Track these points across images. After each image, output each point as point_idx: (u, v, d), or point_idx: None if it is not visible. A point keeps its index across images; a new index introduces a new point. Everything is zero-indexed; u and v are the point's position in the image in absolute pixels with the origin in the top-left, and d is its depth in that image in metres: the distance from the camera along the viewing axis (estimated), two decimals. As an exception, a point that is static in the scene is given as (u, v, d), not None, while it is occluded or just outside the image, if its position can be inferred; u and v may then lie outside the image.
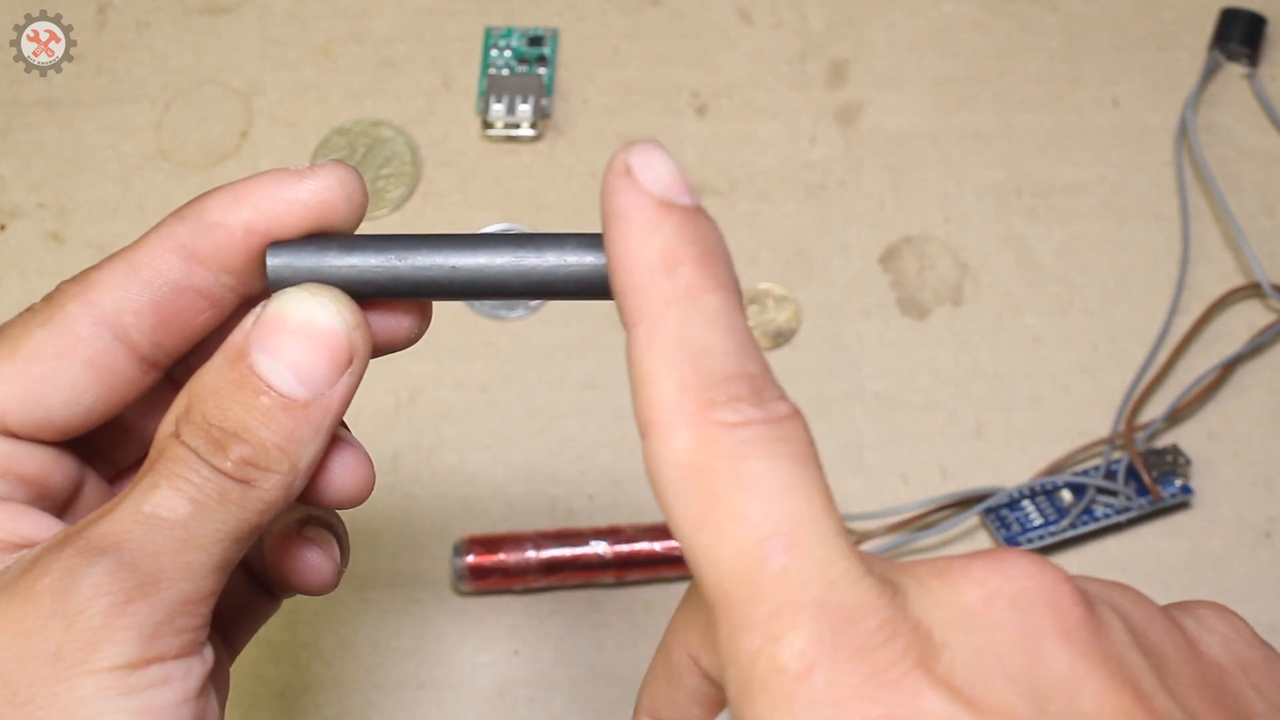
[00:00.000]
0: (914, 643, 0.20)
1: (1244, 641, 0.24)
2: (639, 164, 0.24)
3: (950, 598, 0.21)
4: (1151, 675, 0.21)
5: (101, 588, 0.25)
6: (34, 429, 0.28)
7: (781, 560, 0.21)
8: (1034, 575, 0.21)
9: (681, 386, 0.22)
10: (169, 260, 0.28)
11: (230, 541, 0.26)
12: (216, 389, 0.27)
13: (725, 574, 0.21)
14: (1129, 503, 0.50)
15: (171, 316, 0.28)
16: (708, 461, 0.21)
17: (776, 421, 0.22)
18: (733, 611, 0.21)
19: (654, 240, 0.23)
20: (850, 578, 0.21)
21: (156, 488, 0.26)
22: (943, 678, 0.20)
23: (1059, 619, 0.21)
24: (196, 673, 0.26)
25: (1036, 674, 0.20)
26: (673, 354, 0.22)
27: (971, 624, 0.21)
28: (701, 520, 0.21)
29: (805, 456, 0.22)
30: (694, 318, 0.23)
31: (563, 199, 0.57)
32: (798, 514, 0.21)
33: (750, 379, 0.22)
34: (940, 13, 0.60)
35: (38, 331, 0.28)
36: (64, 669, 0.25)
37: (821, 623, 0.20)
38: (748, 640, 0.21)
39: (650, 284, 0.23)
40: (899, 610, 0.21)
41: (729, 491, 0.21)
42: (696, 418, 0.22)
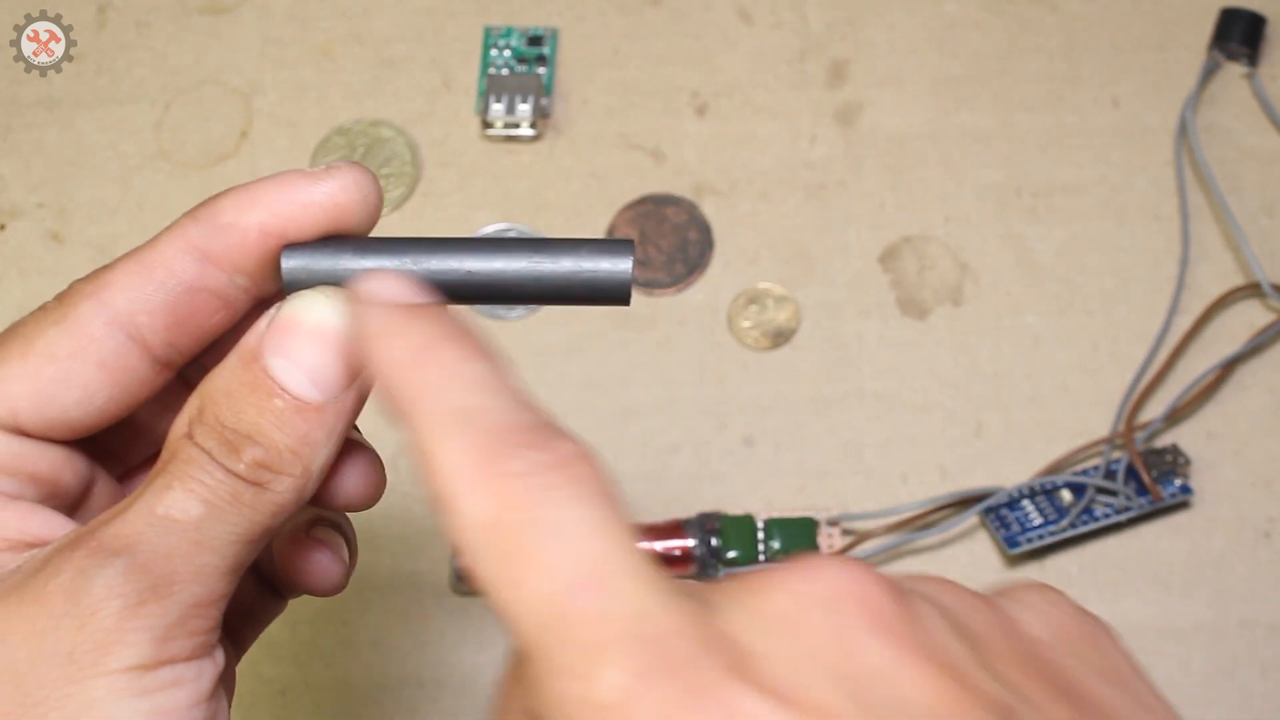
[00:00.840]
0: (726, 654, 0.20)
1: (1065, 615, 0.24)
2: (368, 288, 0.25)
3: (762, 608, 0.21)
4: (970, 657, 0.21)
5: (114, 589, 0.25)
6: (46, 428, 0.28)
7: (587, 601, 0.21)
8: (842, 576, 0.21)
9: (462, 451, 0.22)
10: (183, 261, 0.28)
11: (242, 544, 0.27)
12: (230, 391, 0.27)
13: (536, 625, 0.21)
14: (1129, 502, 0.50)
15: (185, 317, 0.28)
16: (503, 517, 0.21)
17: (565, 464, 0.22)
18: (545, 660, 0.21)
19: (405, 336, 0.24)
20: (658, 605, 0.21)
21: (169, 489, 0.26)
22: (759, 682, 0.20)
23: (871, 614, 0.21)
24: (208, 675, 0.26)
25: (853, 669, 0.20)
26: (446, 424, 0.22)
27: (784, 629, 0.21)
28: (506, 578, 0.21)
29: (600, 494, 0.22)
30: (461, 387, 0.23)
31: (562, 199, 0.57)
32: (600, 554, 0.21)
33: (530, 427, 0.22)
34: (940, 13, 0.60)
35: (50, 331, 0.28)
36: (76, 670, 0.25)
37: (633, 652, 0.20)
38: (563, 684, 0.20)
39: (410, 378, 0.23)
40: (709, 627, 0.21)
41: (529, 543, 0.21)
42: (485, 477, 0.22)
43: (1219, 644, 0.49)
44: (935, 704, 0.20)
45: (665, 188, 0.57)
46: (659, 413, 0.53)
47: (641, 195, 0.57)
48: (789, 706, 0.20)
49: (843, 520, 0.51)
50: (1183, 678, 0.49)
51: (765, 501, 0.52)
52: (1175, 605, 0.50)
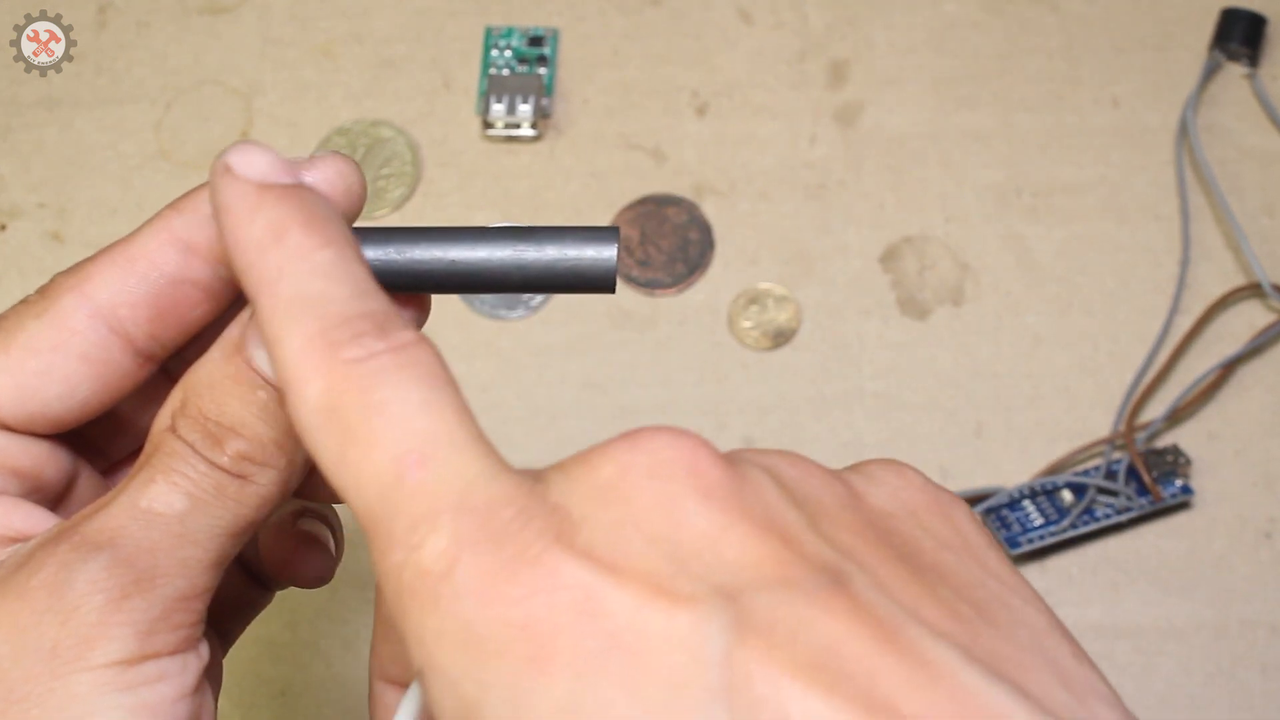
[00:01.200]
0: (551, 524, 0.20)
1: (913, 488, 0.24)
2: (236, 160, 0.25)
3: (589, 478, 0.21)
4: (802, 521, 0.21)
5: (97, 584, 0.25)
6: (28, 422, 0.28)
7: (416, 475, 0.21)
8: (670, 445, 0.21)
9: (305, 337, 0.22)
10: (165, 253, 0.28)
11: (226, 537, 0.26)
12: (213, 383, 0.27)
13: (368, 500, 0.21)
14: (1129, 503, 0.50)
15: (168, 309, 0.28)
16: (339, 399, 0.22)
17: (401, 349, 0.22)
18: (379, 533, 0.21)
19: (258, 218, 0.24)
20: (486, 476, 0.21)
21: (152, 483, 0.26)
22: (581, 549, 0.20)
23: (697, 480, 0.21)
24: (192, 669, 0.26)
25: (677, 535, 0.20)
26: (293, 310, 0.23)
27: (609, 498, 0.21)
28: (341, 456, 0.22)
29: (434, 375, 0.22)
30: (306, 275, 0.23)
31: (563, 199, 0.57)
32: (429, 430, 0.21)
33: (371, 315, 0.23)
34: (940, 13, 0.60)
35: (32, 324, 0.28)
36: (59, 665, 0.24)
37: (460, 522, 0.20)
38: (393, 555, 0.21)
39: (261, 257, 0.23)
40: (537, 498, 0.21)
41: (361, 422, 0.22)
42: (323, 362, 0.22)
43: (1219, 644, 0.49)
44: (759, 564, 0.20)
45: (665, 188, 0.57)
46: (659, 413, 0.53)
47: (642, 195, 0.57)
48: (611, 572, 0.20)
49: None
50: (1183, 678, 0.49)
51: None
52: (1175, 605, 0.50)
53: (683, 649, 0.19)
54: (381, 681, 0.26)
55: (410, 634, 0.21)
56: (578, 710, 0.19)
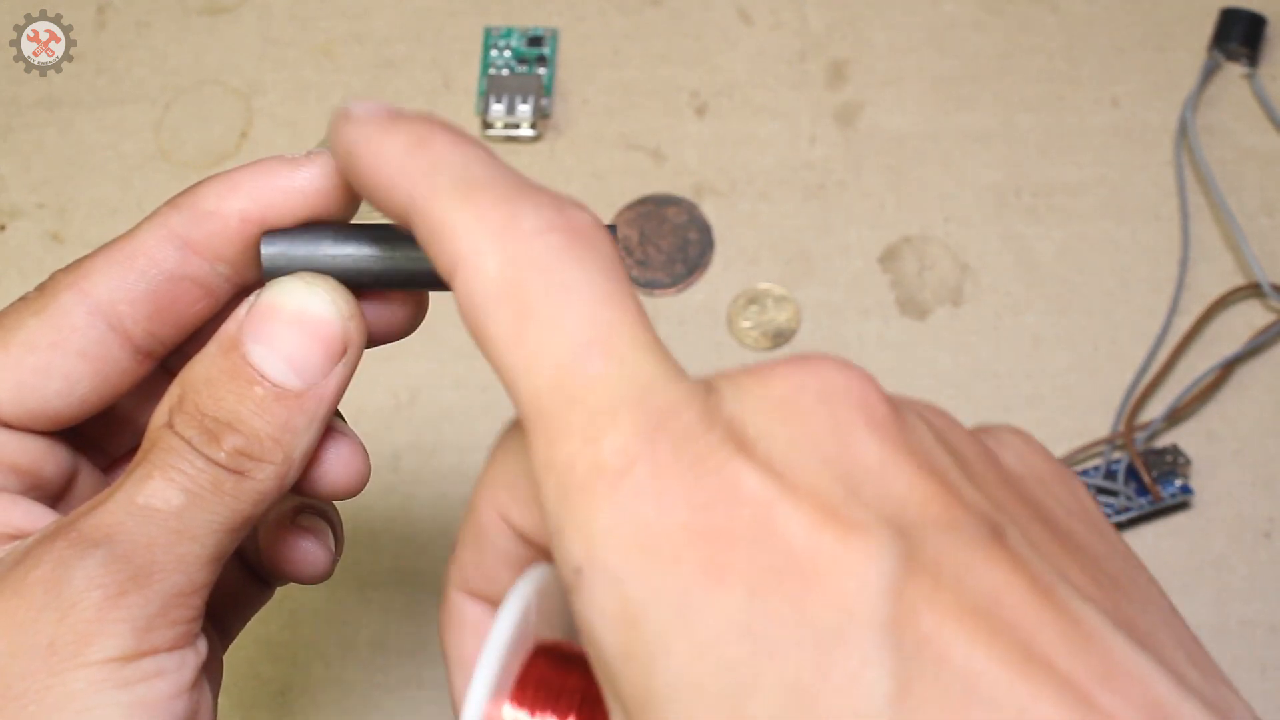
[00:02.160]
0: (731, 433, 0.20)
1: (1039, 457, 0.24)
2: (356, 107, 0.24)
3: (762, 391, 0.21)
4: (956, 469, 0.21)
5: (94, 580, 0.25)
6: (27, 419, 0.28)
7: (599, 365, 0.21)
8: (840, 372, 0.21)
9: (479, 211, 0.22)
10: (164, 249, 0.28)
11: (224, 532, 0.26)
12: (210, 379, 0.27)
13: (542, 386, 0.21)
14: (1129, 503, 0.50)
15: (166, 306, 0.28)
16: (519, 274, 0.21)
17: (584, 229, 0.22)
18: (550, 422, 0.21)
19: (394, 136, 0.23)
20: (666, 378, 0.21)
21: (149, 479, 0.26)
22: (761, 463, 0.20)
23: (867, 412, 0.21)
24: (190, 665, 0.26)
25: (848, 460, 0.20)
26: (460, 190, 0.22)
27: (784, 414, 0.21)
28: (517, 335, 0.21)
29: (615, 266, 0.22)
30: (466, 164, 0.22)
31: (563, 199, 0.57)
32: (613, 321, 0.21)
33: (545, 191, 0.22)
34: (940, 13, 0.60)
35: (31, 321, 0.28)
36: (57, 662, 0.24)
37: (640, 420, 0.20)
38: (565, 446, 0.20)
39: (408, 163, 0.23)
40: (714, 405, 0.21)
41: (544, 301, 0.21)
42: (503, 232, 0.21)
43: (1219, 644, 0.49)
44: (925, 502, 0.20)
45: (665, 188, 0.57)
46: (659, 413, 0.53)
47: (641, 195, 0.57)
48: (785, 486, 0.20)
49: None
50: (1183, 678, 0.49)
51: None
52: (1175, 605, 0.50)
53: (854, 576, 0.19)
54: (460, 592, 0.26)
55: (574, 528, 0.20)
56: (747, 626, 0.19)
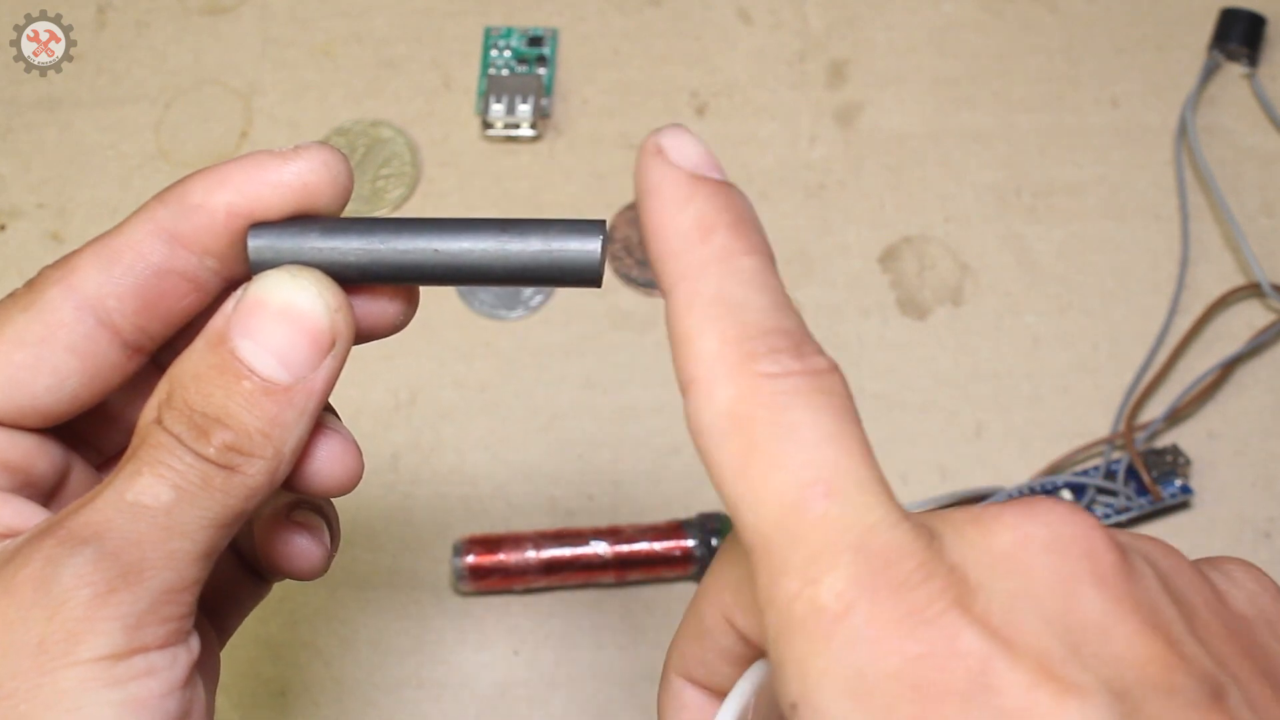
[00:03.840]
0: (951, 584, 0.20)
1: (1269, 596, 0.24)
2: (670, 144, 0.24)
3: (985, 542, 0.21)
4: (1181, 623, 0.21)
5: (83, 578, 0.25)
6: (17, 415, 0.28)
7: (821, 506, 0.21)
8: (1068, 521, 0.21)
9: (722, 340, 0.22)
10: (151, 244, 0.28)
11: (214, 528, 0.26)
12: (198, 374, 0.26)
13: (766, 520, 0.21)
14: (1129, 503, 0.50)
15: (155, 300, 0.28)
16: (749, 411, 0.22)
17: (816, 374, 0.22)
18: (773, 557, 0.21)
19: (688, 209, 0.24)
20: (888, 523, 0.21)
21: (139, 475, 0.26)
22: (979, 617, 0.20)
23: (1093, 564, 0.21)
24: (182, 662, 0.26)
25: (1070, 617, 0.20)
26: (712, 311, 0.23)
27: (1007, 568, 0.21)
28: (743, 468, 0.22)
29: (845, 408, 0.22)
30: (730, 278, 0.23)
31: (563, 199, 0.57)
32: (838, 462, 0.21)
33: (789, 333, 0.23)
34: (940, 13, 0.60)
35: (19, 317, 0.28)
36: (47, 660, 0.24)
37: (860, 565, 0.20)
38: (787, 583, 0.21)
39: (686, 249, 0.23)
40: (936, 554, 0.21)
41: (770, 440, 0.22)
42: (738, 369, 0.22)
43: (1219, 644, 0.49)
44: (1147, 664, 0.20)
45: (665, 188, 0.57)
46: (659, 413, 0.53)
47: (641, 195, 0.57)
48: (1006, 645, 0.20)
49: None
50: (1183, 678, 0.49)
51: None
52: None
53: None
54: (680, 678, 0.27)
55: (791, 666, 0.21)
56: None
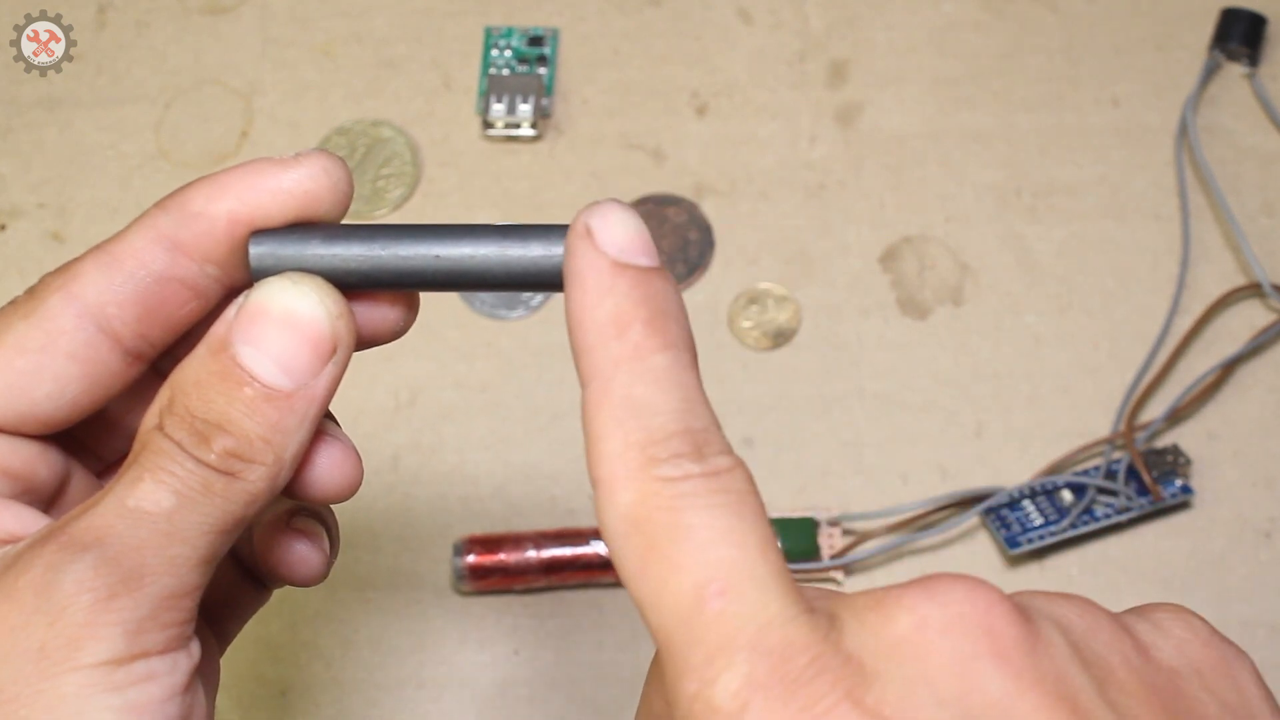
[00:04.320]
0: (844, 675, 0.21)
1: (1199, 642, 0.24)
2: (598, 225, 0.25)
3: (883, 628, 0.21)
4: (1092, 689, 0.21)
5: (84, 584, 0.25)
6: (17, 422, 0.28)
7: (717, 606, 0.21)
8: (967, 599, 0.21)
9: (626, 444, 0.23)
10: (152, 251, 0.28)
11: (215, 534, 0.26)
12: (199, 380, 0.26)
13: (665, 621, 0.22)
14: (1129, 503, 0.50)
15: (155, 308, 0.28)
16: (648, 515, 0.22)
17: (715, 475, 0.23)
18: (674, 657, 0.22)
19: (606, 302, 0.24)
20: (784, 618, 0.21)
21: (140, 481, 0.26)
22: (871, 708, 0.20)
23: (993, 641, 0.21)
24: (183, 668, 0.26)
25: (969, 699, 0.20)
26: (619, 413, 0.23)
27: (903, 653, 0.21)
28: (643, 570, 0.22)
29: (743, 505, 0.23)
30: (640, 377, 0.24)
31: (563, 199, 0.57)
32: (733, 560, 0.22)
33: (693, 435, 0.23)
34: (940, 13, 0.60)
35: (19, 324, 0.28)
36: (48, 666, 0.24)
37: (754, 663, 0.21)
38: (687, 683, 0.21)
39: (600, 345, 0.24)
40: (831, 645, 0.21)
41: (667, 542, 0.22)
42: (639, 474, 0.23)
43: (1219, 644, 0.49)
44: None
45: (665, 188, 0.57)
46: (659, 413, 0.53)
47: (642, 195, 0.57)
48: None
49: (843, 520, 0.51)
50: (1183, 678, 0.49)
51: (765, 501, 0.52)
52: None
53: None
54: None
55: None
56: None
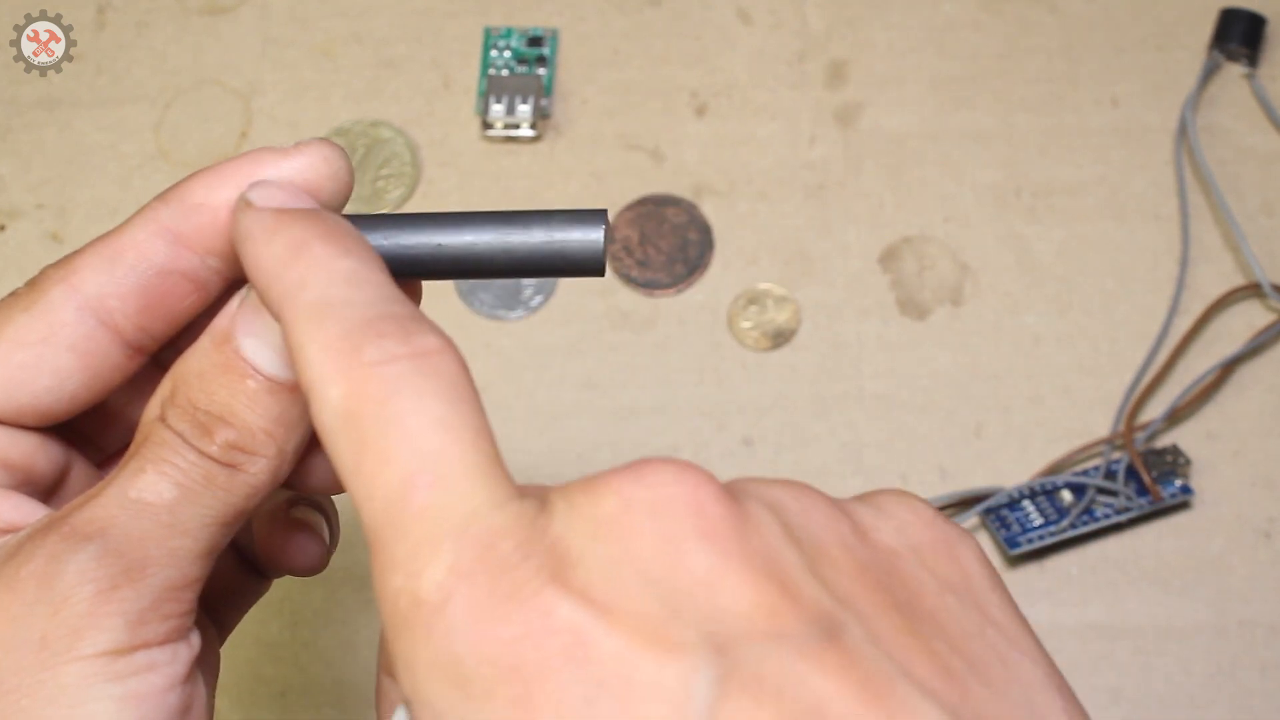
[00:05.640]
0: (549, 560, 0.20)
1: (921, 524, 0.24)
2: (255, 194, 0.25)
3: (591, 510, 0.21)
4: (801, 565, 0.21)
5: (86, 574, 0.25)
6: (17, 414, 0.28)
7: (424, 497, 0.21)
8: (674, 480, 0.21)
9: (327, 339, 0.22)
10: (153, 243, 0.28)
11: (216, 526, 0.26)
12: (202, 372, 0.27)
13: (376, 516, 0.21)
14: (1129, 503, 0.50)
15: (157, 300, 0.28)
16: (358, 406, 0.22)
17: (424, 355, 0.22)
18: (381, 553, 0.21)
19: (278, 237, 0.24)
20: (491, 504, 0.21)
21: (142, 472, 0.26)
22: (577, 589, 0.20)
23: (699, 520, 0.21)
24: (183, 658, 0.26)
25: (675, 576, 0.20)
26: (315, 314, 0.23)
27: (609, 534, 0.21)
28: (357, 466, 0.22)
29: (454, 389, 0.22)
30: (329, 281, 0.23)
31: (562, 199, 0.57)
32: (442, 450, 0.21)
33: (395, 318, 0.23)
34: (940, 13, 0.60)
35: (20, 316, 0.28)
36: (49, 656, 0.24)
37: (459, 552, 0.20)
38: (392, 579, 0.21)
39: (283, 270, 0.24)
40: (538, 530, 0.21)
41: (377, 433, 0.21)
42: (344, 364, 0.22)
43: (1219, 644, 0.49)
44: (753, 614, 0.20)
45: (665, 188, 0.57)
46: (659, 413, 0.53)
47: (641, 195, 0.57)
48: (603, 613, 0.20)
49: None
50: (1183, 678, 0.49)
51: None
52: (1175, 605, 0.50)
53: (668, 700, 0.19)
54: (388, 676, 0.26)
55: (401, 661, 0.20)
56: None
